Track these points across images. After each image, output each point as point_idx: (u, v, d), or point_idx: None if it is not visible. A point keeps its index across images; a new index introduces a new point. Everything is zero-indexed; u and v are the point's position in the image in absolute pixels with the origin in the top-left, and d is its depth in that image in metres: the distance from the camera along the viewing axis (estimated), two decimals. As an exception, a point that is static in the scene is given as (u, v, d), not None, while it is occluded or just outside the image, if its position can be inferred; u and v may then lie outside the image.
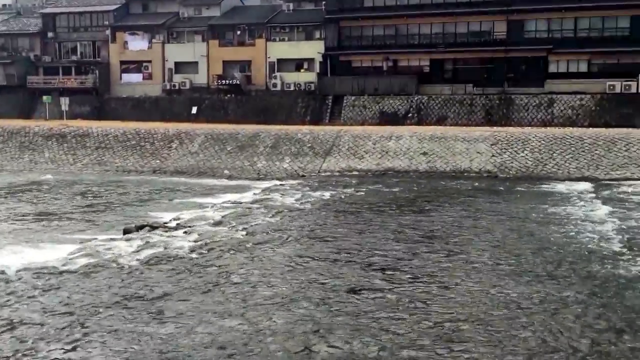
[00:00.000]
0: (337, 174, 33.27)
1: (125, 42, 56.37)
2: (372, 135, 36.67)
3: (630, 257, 15.83)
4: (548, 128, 38.92)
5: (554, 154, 32.78)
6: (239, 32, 53.68)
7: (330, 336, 10.58)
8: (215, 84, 52.62)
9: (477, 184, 29.57)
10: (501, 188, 28.15)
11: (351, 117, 46.03)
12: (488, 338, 10.69)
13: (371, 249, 16.82)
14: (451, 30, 47.75)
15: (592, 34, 44.84)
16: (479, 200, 24.82)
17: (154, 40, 55.72)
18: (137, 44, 56.03)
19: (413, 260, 15.63)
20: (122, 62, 56.37)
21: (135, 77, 55.86)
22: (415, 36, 48.87)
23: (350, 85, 47.85)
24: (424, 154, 34.30)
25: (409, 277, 14.21)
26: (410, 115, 44.99)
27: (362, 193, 27.05)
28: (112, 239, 17.38)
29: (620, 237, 18.04)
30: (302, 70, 51.41)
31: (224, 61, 53.31)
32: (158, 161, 37.63)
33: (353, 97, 46.92)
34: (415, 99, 45.50)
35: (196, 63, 54.05)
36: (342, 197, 26.02)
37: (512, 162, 32.74)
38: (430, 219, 21.11)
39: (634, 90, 41.80)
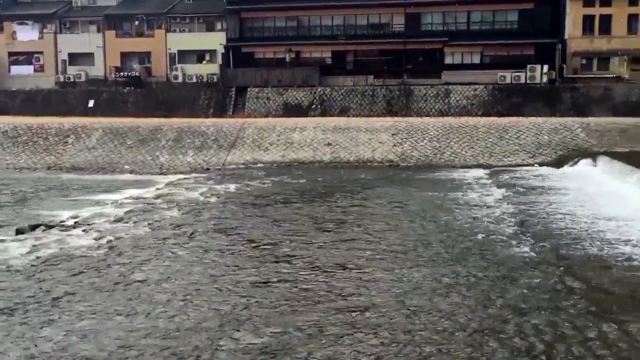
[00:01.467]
0: (243, 166, 33.04)
1: (14, 33, 53.19)
2: (277, 126, 36.69)
3: (523, 237, 16.78)
4: (445, 118, 40.46)
5: (452, 143, 34.12)
6: (137, 23, 51.96)
7: (237, 330, 10.51)
8: (113, 76, 50.75)
9: (380, 173, 30.28)
10: (403, 176, 28.98)
11: (255, 109, 45.80)
12: (392, 322, 11.00)
13: (278, 241, 16.84)
14: (352, 23, 48.58)
15: (484, 27, 47.13)
16: (382, 189, 25.43)
17: (45, 30, 52.93)
18: (27, 34, 53.04)
19: (320, 250, 15.80)
20: (10, 54, 53.21)
21: (26, 69, 52.91)
22: (317, 28, 49.30)
23: (253, 77, 47.59)
24: (328, 144, 34.71)
25: (316, 266, 14.37)
26: (314, 106, 45.35)
27: (268, 185, 27.03)
28: (1, 240, 16.38)
29: (513, 219, 19.08)
30: (204, 62, 50.55)
31: (122, 52, 51.48)
32: (53, 157, 35.84)
33: (257, 89, 46.70)
34: (319, 90, 45.92)
35: (92, 54, 51.87)
36: (248, 189, 25.89)
37: (412, 152, 33.77)
38: (336, 209, 21.41)
39: (522, 80, 44.23)
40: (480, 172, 29.77)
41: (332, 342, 10.17)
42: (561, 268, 13.95)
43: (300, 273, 13.91)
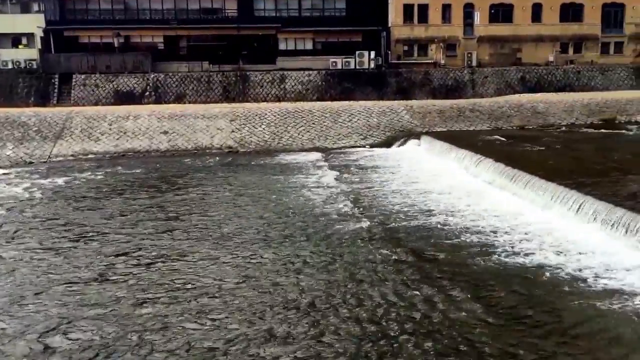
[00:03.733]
0: (71, 158, 31.20)
1: None
2: (108, 115, 35.04)
3: (357, 214, 17.78)
4: (282, 103, 41.19)
5: (289, 127, 34.87)
6: (-61, 3, 46.65)
7: (71, 330, 10.13)
8: None
9: (219, 159, 30.19)
10: (243, 162, 29.17)
11: (83, 97, 43.27)
12: (239, 305, 11.22)
13: (113, 234, 16.29)
14: (183, 7, 47.55)
15: (315, 14, 48.52)
16: (222, 175, 25.43)
17: None
18: None
19: (159, 240, 15.55)
20: None
21: None
22: (146, 11, 47.59)
23: (79, 63, 44.81)
24: (165, 132, 33.87)
25: (157, 258, 14.15)
26: (147, 93, 43.86)
27: (100, 177, 25.84)
28: None
29: (348, 198, 20.11)
30: (20, 47, 46.68)
31: None
32: None
33: (83, 76, 44.07)
34: (152, 76, 44.47)
35: None
36: (78, 182, 24.57)
37: (251, 137, 34.03)
38: (175, 198, 21.09)
39: (352, 66, 46.26)
40: (317, 155, 30.81)
41: (176, 333, 10.17)
42: (392, 240, 15.03)
43: (138, 266, 13.61)
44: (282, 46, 48.22)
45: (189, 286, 12.11)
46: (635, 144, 28.84)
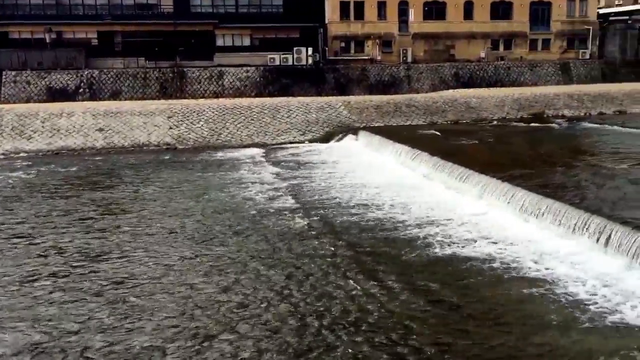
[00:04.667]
0: (2, 157, 30.21)
1: None
2: (40, 112, 34.05)
3: (297, 210, 18.04)
4: (220, 99, 41.02)
5: (227, 124, 34.80)
6: None
7: (4, 331, 10.02)
8: None
9: (157, 156, 29.86)
10: (181, 159, 28.95)
11: (14, 95, 41.84)
12: (171, 305, 11.30)
13: (47, 233, 15.99)
14: (117, 2, 46.60)
15: (252, 11, 48.48)
16: (159, 172, 25.19)
17: None
18: None
19: (95, 239, 15.38)
20: None
21: None
22: (79, 7, 46.41)
23: (9, 59, 43.29)
24: (100, 130, 33.21)
25: (90, 255, 14.01)
26: (81, 90, 42.81)
27: (33, 176, 25.15)
28: None
29: (288, 194, 20.36)
30: (-56, 42, 44.70)
31: None
32: None
33: (14, 72, 42.59)
34: (86, 73, 43.41)
35: None
36: (9, 182, 23.86)
37: (189, 134, 33.79)
38: (111, 195, 20.81)
39: (290, 62, 46.48)
40: (257, 151, 30.91)
41: (107, 332, 10.18)
42: (331, 234, 15.38)
43: (74, 263, 13.47)
44: (219, 42, 47.98)
45: (118, 285, 12.08)
46: (562, 137, 30.28)
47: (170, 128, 34.03)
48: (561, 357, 9.05)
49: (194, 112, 35.46)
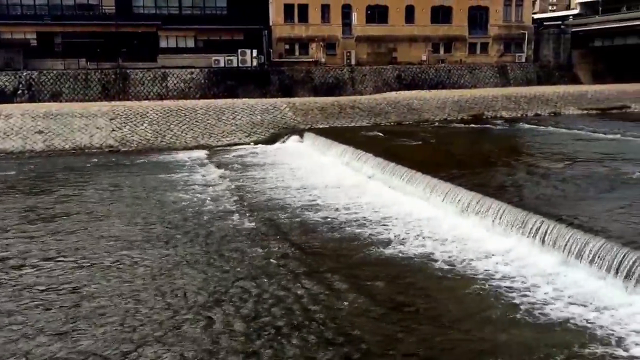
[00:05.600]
0: None
1: None
2: (-25, 115, 32.88)
3: (243, 211, 18.10)
4: (164, 101, 40.52)
5: (172, 126, 34.45)
6: None
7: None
8: None
9: (99, 159, 29.30)
10: (124, 161, 28.51)
11: (-54, 96, 40.21)
12: (124, 311, 11.25)
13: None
14: (57, 2, 45.42)
15: (196, 12, 48.12)
16: (102, 175, 24.75)
17: None
18: None
19: (36, 246, 15.06)
20: None
21: None
22: (17, 7, 45.01)
23: (-60, 60, 41.62)
24: (40, 132, 32.33)
25: (34, 263, 13.75)
26: (20, 92, 41.50)
27: (-30, 180, 24.31)
28: None
29: (233, 195, 20.38)
30: None
31: None
32: None
33: (-54, 73, 40.99)
34: (24, 74, 42.12)
35: None
36: (-55, 187, 22.99)
37: (132, 136, 33.28)
38: (48, 199, 20.32)
39: (235, 64, 46.33)
40: (202, 153, 30.73)
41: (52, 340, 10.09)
42: (277, 235, 15.52)
43: (18, 270, 13.20)
44: (163, 44, 47.39)
45: (58, 290, 11.92)
46: (500, 138, 31.34)
47: (113, 130, 33.45)
48: (502, 352, 9.39)
49: (138, 113, 34.95)
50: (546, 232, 13.02)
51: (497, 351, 9.35)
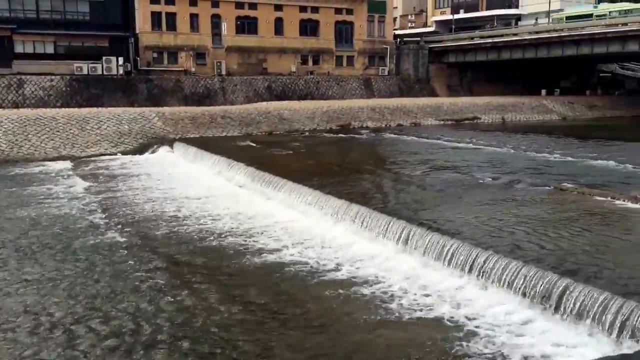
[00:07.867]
0: None
1: None
2: None
3: (110, 224, 17.49)
4: (21, 110, 38.06)
5: (30, 135, 32.44)
6: None
7: None
8: None
9: (-54, 173, 26.92)
10: (-24, 175, 26.44)
11: None
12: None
13: None
14: None
15: (55, 17, 45.68)
16: (-49, 191, 22.80)
17: None
18: None
19: None
20: None
21: None
22: None
23: None
24: None
25: None
26: None
27: None
28: None
29: (100, 208, 19.62)
30: None
31: None
32: None
33: None
34: None
35: None
36: None
37: (-16, 147, 30.95)
38: None
39: (99, 72, 44.55)
40: (64, 164, 29.21)
41: None
42: (147, 249, 15.17)
43: None
44: (19, 49, 44.47)
45: None
46: (366, 147, 32.67)
47: (-38, 141, 30.91)
48: (373, 352, 9.85)
49: (-10, 123, 32.55)
50: (409, 236, 13.83)
51: (360, 349, 9.78)
